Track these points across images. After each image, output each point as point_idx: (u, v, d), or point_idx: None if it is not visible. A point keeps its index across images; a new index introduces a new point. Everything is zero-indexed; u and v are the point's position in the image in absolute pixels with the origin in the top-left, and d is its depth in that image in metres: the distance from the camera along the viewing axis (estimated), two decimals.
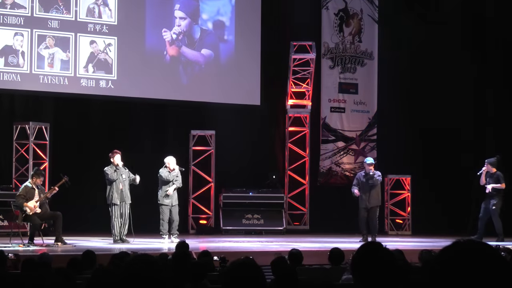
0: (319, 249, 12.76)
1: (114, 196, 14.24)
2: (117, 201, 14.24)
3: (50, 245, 13.12)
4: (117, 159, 14.33)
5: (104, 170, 14.34)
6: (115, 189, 14.25)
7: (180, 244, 9.83)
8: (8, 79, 16.44)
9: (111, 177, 14.22)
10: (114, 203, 14.24)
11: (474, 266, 2.12)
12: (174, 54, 18.16)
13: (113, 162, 14.30)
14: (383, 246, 3.33)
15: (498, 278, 2.11)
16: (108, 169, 14.30)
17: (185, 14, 18.33)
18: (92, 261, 8.16)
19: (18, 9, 16.58)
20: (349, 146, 20.11)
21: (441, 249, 2.22)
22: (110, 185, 14.28)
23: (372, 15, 20.46)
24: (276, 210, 18.25)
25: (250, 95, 18.72)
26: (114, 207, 14.26)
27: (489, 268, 2.12)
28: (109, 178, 14.25)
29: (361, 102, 20.25)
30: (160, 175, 14.87)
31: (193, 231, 17.89)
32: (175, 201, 14.90)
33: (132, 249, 11.56)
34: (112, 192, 14.26)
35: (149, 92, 17.81)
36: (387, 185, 19.27)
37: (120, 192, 14.28)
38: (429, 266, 2.22)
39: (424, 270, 5.60)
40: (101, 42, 17.33)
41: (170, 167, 14.89)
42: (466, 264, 2.13)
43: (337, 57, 20.14)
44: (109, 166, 14.33)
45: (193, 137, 18.25)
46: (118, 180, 14.25)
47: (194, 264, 7.01)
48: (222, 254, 9.79)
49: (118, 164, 14.31)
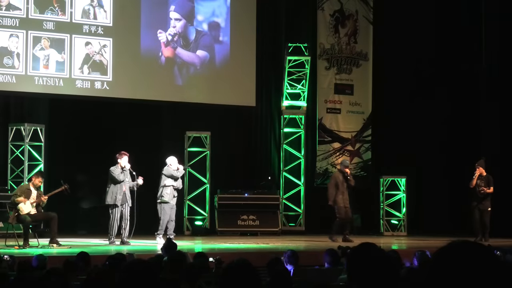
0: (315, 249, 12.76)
1: (116, 197, 14.22)
2: (118, 202, 14.23)
3: (45, 246, 13.11)
4: (124, 161, 14.34)
5: (110, 169, 14.30)
6: (119, 191, 14.25)
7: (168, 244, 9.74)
8: (3, 80, 16.42)
9: (118, 177, 14.20)
10: (115, 205, 14.23)
11: (470, 266, 2.12)
12: (169, 55, 18.16)
13: (120, 164, 14.29)
14: (378, 246, 3.34)
15: (493, 278, 2.11)
16: (115, 169, 14.28)
17: (180, 16, 18.32)
18: (87, 262, 8.15)
19: (13, 10, 16.56)
20: (344, 147, 20.13)
21: (436, 250, 2.22)
22: (114, 186, 14.24)
23: (367, 16, 20.49)
24: (272, 211, 18.25)
25: (246, 96, 18.73)
26: (115, 209, 14.25)
27: (485, 268, 2.12)
28: (116, 178, 14.21)
29: (357, 103, 20.28)
30: (164, 173, 14.90)
31: (188, 232, 17.89)
32: (174, 202, 14.98)
33: (128, 250, 11.54)
34: (115, 193, 14.23)
35: (145, 93, 17.80)
36: (382, 186, 19.29)
37: (123, 194, 14.28)
38: (425, 267, 2.22)
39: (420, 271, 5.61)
40: (96, 44, 17.31)
41: (173, 167, 14.94)
42: (462, 265, 2.13)
43: (332, 58, 20.16)
44: (115, 167, 14.32)
45: (188, 138, 18.25)
46: (123, 182, 14.27)
47: (190, 265, 7.01)
48: (218, 255, 9.78)
49: (125, 166, 14.31)
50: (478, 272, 2.11)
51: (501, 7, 19.53)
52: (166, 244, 9.81)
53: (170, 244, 9.69)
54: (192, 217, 18.22)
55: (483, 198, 16.01)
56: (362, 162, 20.27)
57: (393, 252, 8.23)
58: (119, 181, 14.20)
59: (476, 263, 2.13)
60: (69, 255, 9.98)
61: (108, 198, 14.32)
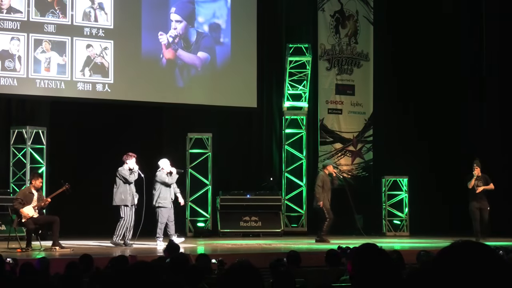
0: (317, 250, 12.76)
1: (127, 198, 14.26)
2: (129, 203, 14.28)
3: (47, 249, 13.11)
4: (132, 162, 14.37)
5: (119, 170, 14.32)
6: (128, 191, 14.28)
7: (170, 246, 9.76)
8: (5, 83, 16.44)
9: (129, 178, 14.24)
10: (126, 205, 14.27)
11: (473, 266, 2.13)
12: (170, 57, 18.17)
13: (129, 165, 14.30)
14: (379, 246, 3.35)
15: (496, 279, 2.11)
16: (124, 170, 14.29)
17: (181, 17, 18.33)
18: (90, 265, 8.16)
19: (14, 13, 16.58)
20: (346, 148, 20.13)
21: (439, 250, 2.22)
22: (122, 186, 14.27)
23: (368, 17, 20.49)
24: (274, 212, 18.25)
25: (247, 98, 18.74)
26: (125, 208, 14.29)
27: (488, 268, 2.12)
28: (127, 178, 14.23)
29: (358, 104, 20.28)
30: (157, 180, 14.90)
31: (190, 233, 17.88)
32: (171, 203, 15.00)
33: (131, 253, 11.55)
34: (124, 194, 14.26)
35: (146, 95, 17.81)
36: (384, 186, 19.28)
37: (132, 195, 14.33)
38: (428, 267, 2.22)
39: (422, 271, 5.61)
40: (98, 46, 17.33)
41: (166, 170, 14.93)
42: (465, 265, 2.13)
43: (333, 58, 20.16)
44: (122, 167, 14.35)
45: (190, 139, 18.25)
46: (132, 183, 14.32)
47: (192, 267, 7.01)
48: (220, 257, 9.79)
49: (134, 168, 14.33)
50: (482, 272, 2.11)
51: (501, 7, 19.52)
52: (168, 246, 9.82)
53: (172, 245, 9.70)
54: (194, 218, 18.21)
55: (481, 197, 16.04)
56: (364, 163, 20.27)
57: (396, 253, 8.24)
58: (130, 181, 14.25)
59: (479, 263, 2.13)
60: (72, 257, 9.98)
61: (117, 199, 14.34)
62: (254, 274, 3.40)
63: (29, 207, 13.34)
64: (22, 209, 13.27)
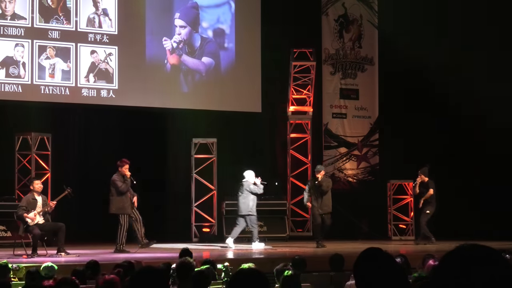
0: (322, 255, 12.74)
1: (125, 206, 14.23)
2: (129, 211, 14.26)
3: (53, 256, 13.10)
4: (125, 169, 14.31)
5: (113, 180, 14.28)
6: (125, 199, 14.26)
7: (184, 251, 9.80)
8: (10, 90, 16.46)
9: (122, 189, 14.18)
10: (125, 213, 14.24)
11: (479, 270, 2.12)
12: (174, 62, 18.18)
13: (122, 172, 14.25)
14: (384, 251, 3.34)
15: (502, 281, 2.11)
16: (118, 179, 14.25)
17: (185, 23, 18.36)
18: (96, 271, 8.16)
19: (19, 20, 16.61)
20: (351, 152, 20.13)
21: (444, 254, 2.22)
22: (118, 195, 14.24)
23: (372, 21, 20.50)
24: (279, 217, 18.24)
25: (251, 102, 18.75)
26: (124, 217, 14.25)
27: (494, 272, 2.12)
28: (119, 189, 14.20)
29: (362, 108, 20.28)
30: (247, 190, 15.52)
31: (196, 239, 17.87)
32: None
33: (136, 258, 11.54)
34: (122, 202, 14.23)
35: (150, 101, 17.83)
36: (390, 190, 19.25)
37: (130, 202, 14.31)
38: (433, 271, 2.22)
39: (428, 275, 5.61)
40: (102, 52, 17.35)
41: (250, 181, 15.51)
42: (471, 268, 2.13)
43: (337, 63, 20.17)
44: (116, 175, 14.29)
45: (195, 145, 18.23)
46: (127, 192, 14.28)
47: (198, 272, 7.01)
48: (226, 262, 9.78)
49: (129, 175, 14.27)
50: (487, 275, 2.11)
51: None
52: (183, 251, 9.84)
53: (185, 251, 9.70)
54: (199, 223, 18.19)
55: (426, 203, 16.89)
56: (370, 167, 20.25)
57: (402, 257, 8.22)
58: (123, 192, 14.20)
59: (484, 266, 2.13)
60: (78, 263, 9.98)
61: (113, 207, 14.31)
62: (260, 279, 3.40)
63: (33, 213, 13.31)
64: (26, 214, 13.26)
